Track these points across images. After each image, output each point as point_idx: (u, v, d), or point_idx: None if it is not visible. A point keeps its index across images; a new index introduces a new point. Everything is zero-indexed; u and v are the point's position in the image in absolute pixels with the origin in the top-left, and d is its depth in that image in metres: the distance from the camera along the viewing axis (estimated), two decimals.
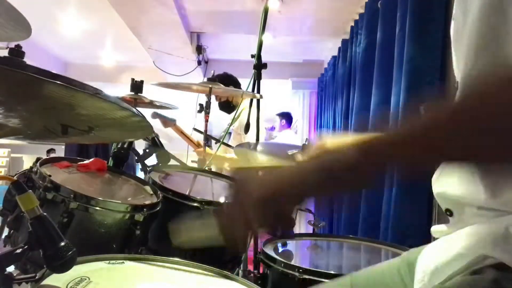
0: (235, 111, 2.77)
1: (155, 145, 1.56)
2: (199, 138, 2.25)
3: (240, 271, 1.61)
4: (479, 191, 0.57)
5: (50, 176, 1.05)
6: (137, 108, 2.15)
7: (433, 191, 0.68)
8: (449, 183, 0.63)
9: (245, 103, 2.69)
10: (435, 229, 0.69)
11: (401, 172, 0.52)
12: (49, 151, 7.82)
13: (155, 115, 2.26)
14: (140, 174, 1.50)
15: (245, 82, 2.09)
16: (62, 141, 1.16)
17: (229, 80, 2.68)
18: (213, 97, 2.21)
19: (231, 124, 2.62)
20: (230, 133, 2.73)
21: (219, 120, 3.33)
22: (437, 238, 0.68)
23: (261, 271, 1.23)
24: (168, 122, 2.35)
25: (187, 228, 0.69)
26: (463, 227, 0.60)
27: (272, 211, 0.53)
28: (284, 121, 5.77)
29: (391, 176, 0.65)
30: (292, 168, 0.55)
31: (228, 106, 2.83)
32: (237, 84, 2.78)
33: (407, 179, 0.57)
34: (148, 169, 1.48)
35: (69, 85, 0.49)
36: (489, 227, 0.56)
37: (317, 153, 0.53)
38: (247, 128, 2.18)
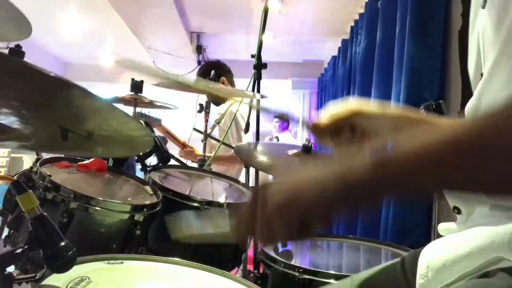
0: (223, 105, 2.75)
1: (155, 145, 1.56)
2: (197, 137, 2.23)
3: (240, 271, 1.61)
4: None
5: (50, 176, 1.05)
6: (137, 108, 2.16)
7: None
8: None
9: (234, 98, 2.67)
10: (442, 227, 0.68)
11: (407, 192, 0.49)
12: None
13: (139, 116, 2.23)
14: (140, 174, 1.50)
15: (245, 82, 2.09)
16: (62, 152, 1.16)
17: (221, 68, 2.65)
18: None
19: (219, 120, 2.61)
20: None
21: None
22: (441, 236, 0.67)
23: (261, 271, 1.23)
24: (152, 122, 2.32)
25: (189, 224, 0.68)
26: (473, 226, 0.59)
27: (290, 220, 0.50)
28: (280, 122, 5.79)
29: None
30: (312, 178, 0.50)
31: (216, 98, 2.76)
32: (229, 73, 2.76)
33: (410, 198, 0.51)
34: (148, 169, 1.48)
35: (85, 92, 0.49)
36: (505, 228, 0.53)
37: (334, 162, 0.51)
38: (247, 128, 2.18)
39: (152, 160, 1.65)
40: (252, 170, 1.86)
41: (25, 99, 0.57)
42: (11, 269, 0.72)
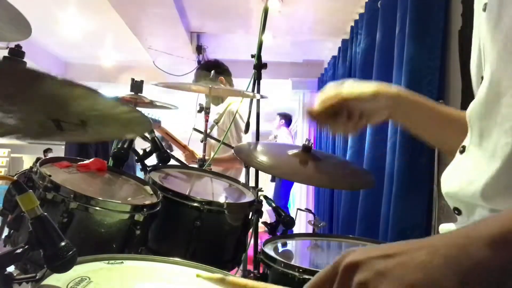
0: (222, 105, 2.75)
1: (155, 145, 1.56)
2: (197, 138, 2.23)
3: (240, 271, 1.61)
4: (490, 193, 0.55)
5: (50, 176, 1.05)
6: (137, 108, 2.16)
7: (442, 189, 0.66)
8: (460, 182, 0.62)
9: (232, 98, 2.68)
10: (444, 227, 0.68)
11: None
12: (46, 151, 7.83)
13: None
14: (140, 174, 1.50)
15: (245, 82, 2.09)
16: (60, 139, 1.15)
17: (219, 68, 2.66)
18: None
19: (218, 120, 2.61)
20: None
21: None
22: None
23: (261, 271, 1.23)
24: (152, 123, 2.30)
25: None
26: None
27: None
28: (283, 121, 5.83)
29: (391, 175, 0.62)
30: (417, 266, 0.40)
31: (215, 97, 2.72)
32: (228, 73, 2.76)
33: None
34: (148, 169, 1.48)
35: (65, 81, 0.49)
36: None
37: (440, 247, 0.40)
38: (247, 127, 2.18)
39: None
40: (252, 170, 1.86)
41: (4, 95, 0.56)
42: (11, 269, 0.72)
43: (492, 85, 0.58)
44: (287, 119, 5.93)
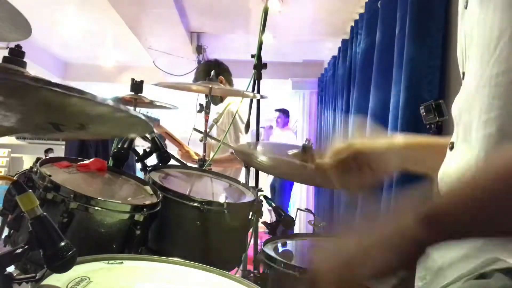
0: (221, 105, 2.74)
1: (155, 145, 1.56)
2: (197, 138, 2.22)
3: (240, 271, 1.61)
4: None
5: (50, 176, 1.05)
6: (137, 108, 2.16)
7: (439, 189, 0.67)
8: (451, 178, 0.62)
9: (231, 98, 2.68)
10: None
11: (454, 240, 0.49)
12: (47, 151, 7.82)
13: None
14: (140, 174, 1.50)
15: (245, 82, 2.09)
16: (60, 137, 1.15)
17: (219, 68, 2.65)
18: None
19: (217, 119, 2.60)
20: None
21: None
22: None
23: (261, 271, 1.23)
24: (151, 122, 2.29)
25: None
26: None
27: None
28: (287, 119, 5.83)
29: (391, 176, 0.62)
30: (358, 249, 0.51)
31: (215, 97, 2.69)
32: (227, 72, 2.76)
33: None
34: (148, 169, 1.48)
35: (67, 92, 0.49)
36: None
37: (377, 229, 0.50)
38: (247, 127, 2.18)
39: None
40: (252, 170, 1.86)
41: (21, 105, 0.57)
42: (11, 269, 0.72)
43: (475, 79, 0.58)
44: (286, 114, 5.94)
